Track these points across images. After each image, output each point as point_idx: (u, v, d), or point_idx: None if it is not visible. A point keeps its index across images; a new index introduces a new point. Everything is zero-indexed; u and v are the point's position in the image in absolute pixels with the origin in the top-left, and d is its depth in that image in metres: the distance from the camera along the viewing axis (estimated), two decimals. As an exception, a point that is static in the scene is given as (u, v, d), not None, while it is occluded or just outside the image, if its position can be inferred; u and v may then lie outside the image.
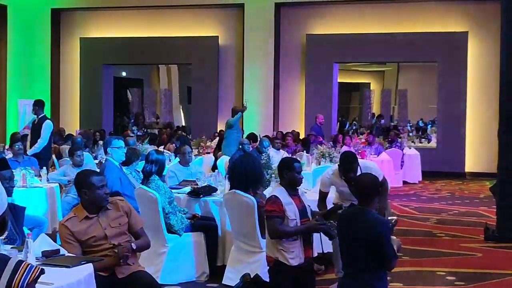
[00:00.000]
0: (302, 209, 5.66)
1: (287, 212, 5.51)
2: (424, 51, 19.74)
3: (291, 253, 5.52)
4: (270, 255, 5.61)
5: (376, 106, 27.46)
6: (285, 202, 5.54)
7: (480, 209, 12.92)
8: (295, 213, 5.56)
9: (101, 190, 5.10)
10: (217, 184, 8.26)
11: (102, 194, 5.10)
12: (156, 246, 7.21)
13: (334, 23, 20.47)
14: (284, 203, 5.53)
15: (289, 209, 5.54)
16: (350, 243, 4.86)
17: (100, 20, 22.49)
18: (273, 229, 5.51)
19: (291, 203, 5.57)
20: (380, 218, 4.88)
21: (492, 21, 17.83)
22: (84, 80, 22.39)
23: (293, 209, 5.56)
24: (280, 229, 5.49)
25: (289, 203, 5.56)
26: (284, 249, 5.51)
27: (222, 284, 7.08)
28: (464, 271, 8.10)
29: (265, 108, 20.68)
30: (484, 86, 18.63)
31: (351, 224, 4.85)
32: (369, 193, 4.93)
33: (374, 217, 4.85)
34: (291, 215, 5.53)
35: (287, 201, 5.55)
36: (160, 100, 26.59)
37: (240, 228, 7.02)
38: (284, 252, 5.51)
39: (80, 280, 4.12)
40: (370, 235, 4.74)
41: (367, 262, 4.80)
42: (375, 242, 4.74)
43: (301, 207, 5.66)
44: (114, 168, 8.08)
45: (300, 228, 5.53)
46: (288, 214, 5.52)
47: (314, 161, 12.59)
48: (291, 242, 5.51)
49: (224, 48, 21.35)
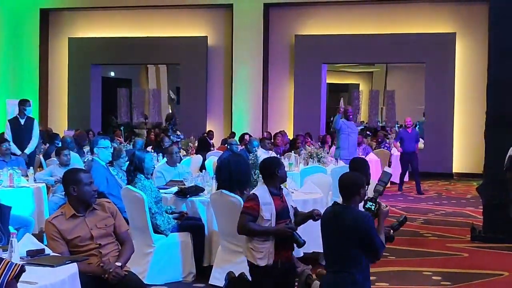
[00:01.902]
0: (282, 210, 5.63)
1: (262, 212, 5.51)
2: (412, 52, 19.83)
3: (259, 253, 5.51)
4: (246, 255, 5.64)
5: (364, 107, 27.47)
6: (263, 201, 5.53)
7: (466, 210, 12.98)
8: (272, 214, 5.54)
9: (89, 187, 5.12)
10: (205, 184, 8.25)
11: (90, 191, 5.12)
12: (142, 246, 7.20)
13: (323, 24, 20.51)
14: (262, 202, 5.53)
15: (266, 209, 5.52)
16: (335, 240, 4.88)
17: (89, 20, 22.46)
18: (241, 225, 5.55)
19: (269, 204, 5.55)
20: (363, 213, 4.91)
21: (479, 22, 17.93)
22: (73, 80, 22.37)
23: (270, 209, 5.54)
24: (248, 226, 5.51)
25: (267, 203, 5.54)
26: (254, 248, 5.52)
27: (209, 284, 7.08)
28: (450, 271, 8.12)
29: (254, 108, 20.70)
30: (472, 87, 18.71)
31: (336, 221, 4.88)
32: (352, 190, 4.97)
33: (358, 213, 4.90)
34: (267, 215, 5.52)
35: (266, 201, 5.54)
36: (148, 100, 26.52)
37: (227, 228, 7.01)
38: (253, 251, 5.52)
39: (64, 279, 4.11)
40: (357, 231, 4.79)
41: (353, 258, 4.83)
42: (363, 237, 4.79)
43: (282, 207, 5.64)
44: (101, 168, 8.07)
45: (269, 229, 5.51)
46: (264, 214, 5.51)
47: (302, 161, 12.59)
48: (261, 242, 5.50)
49: (213, 48, 21.36)
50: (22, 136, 12.21)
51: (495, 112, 10.07)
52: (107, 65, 25.15)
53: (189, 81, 21.67)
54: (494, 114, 10.08)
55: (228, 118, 21.13)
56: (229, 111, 21.10)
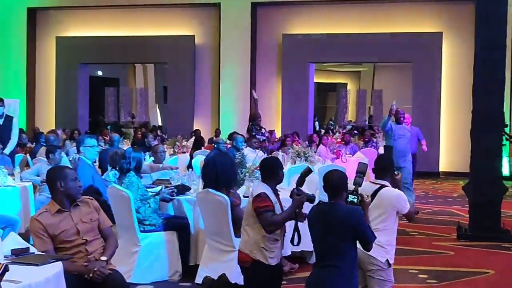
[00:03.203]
0: (282, 209, 5.68)
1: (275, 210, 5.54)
2: (399, 52, 19.88)
3: (271, 253, 5.51)
4: (247, 254, 5.59)
5: (352, 106, 27.55)
6: (273, 200, 5.56)
7: (453, 208, 13.03)
8: (279, 212, 5.59)
9: (75, 182, 5.22)
10: (191, 183, 8.25)
11: (76, 186, 5.23)
12: (128, 245, 7.21)
13: (311, 23, 20.54)
14: (272, 201, 5.55)
15: (276, 207, 5.56)
16: (327, 238, 4.89)
17: (76, 19, 22.40)
18: (268, 223, 5.43)
19: (276, 202, 5.59)
20: (353, 207, 4.93)
21: (466, 21, 17.99)
22: (60, 79, 22.32)
23: (278, 208, 5.59)
24: (275, 220, 5.45)
25: (275, 201, 5.58)
26: (266, 248, 5.49)
27: (195, 283, 7.07)
28: (436, 269, 8.16)
29: (242, 108, 20.69)
30: (458, 86, 18.77)
31: (327, 219, 4.89)
32: (338, 187, 4.99)
33: (348, 208, 4.92)
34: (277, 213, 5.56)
35: (274, 200, 5.58)
36: (136, 99, 26.50)
37: (213, 227, 7.01)
38: (265, 251, 5.49)
39: (48, 278, 4.10)
40: (350, 225, 4.80)
41: (345, 252, 4.85)
42: (356, 230, 4.81)
43: (281, 207, 5.68)
44: (87, 166, 8.05)
45: (289, 209, 5.50)
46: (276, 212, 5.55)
47: (290, 160, 12.61)
48: (273, 242, 5.51)
49: (200, 47, 21.35)
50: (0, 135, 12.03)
51: (481, 111, 10.12)
52: (95, 64, 25.14)
53: (177, 80, 21.66)
54: (480, 113, 10.13)
55: (215, 117, 21.14)
56: (216, 110, 21.11)
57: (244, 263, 5.63)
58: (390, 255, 5.52)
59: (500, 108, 10.30)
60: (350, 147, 16.52)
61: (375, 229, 5.09)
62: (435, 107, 19.46)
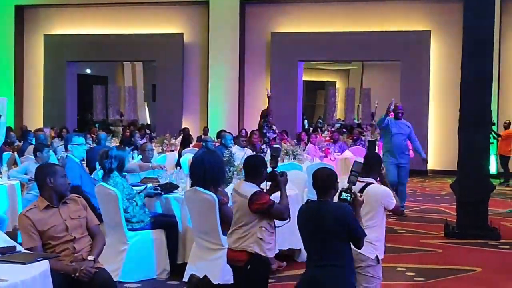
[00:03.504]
0: None
1: None
2: (387, 50, 19.91)
3: (269, 244, 5.59)
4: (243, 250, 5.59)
5: (340, 105, 27.59)
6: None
7: (441, 206, 13.08)
8: None
9: (64, 179, 5.29)
10: (179, 181, 8.24)
11: (65, 183, 5.29)
12: (116, 243, 7.20)
13: (299, 21, 20.55)
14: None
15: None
16: (317, 236, 4.89)
17: (64, 17, 22.34)
18: (282, 211, 5.62)
19: None
20: (342, 204, 4.93)
21: (454, 20, 18.03)
22: (48, 77, 22.25)
23: None
24: (284, 206, 5.65)
25: None
26: (263, 239, 5.55)
27: (183, 282, 7.05)
28: (424, 267, 8.20)
29: (230, 106, 20.71)
30: (446, 85, 18.80)
31: (316, 217, 4.88)
32: (327, 185, 4.99)
33: (337, 206, 4.92)
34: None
35: None
36: (124, 97, 26.44)
37: (201, 225, 7.01)
38: (262, 243, 5.55)
39: (35, 276, 4.08)
40: (339, 223, 4.80)
41: (338, 251, 4.84)
42: (345, 227, 4.81)
43: None
44: (75, 164, 8.03)
45: (283, 193, 5.72)
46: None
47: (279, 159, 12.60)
48: (270, 234, 5.60)
49: (189, 46, 21.33)
50: None
51: (468, 110, 10.16)
52: (83, 62, 25.08)
53: (165, 78, 21.63)
54: (468, 112, 10.17)
55: (204, 115, 21.12)
56: (205, 108, 21.09)
57: (237, 261, 5.63)
58: (379, 251, 5.54)
59: (488, 106, 10.35)
60: (339, 145, 16.55)
61: (364, 227, 5.10)
62: (424, 106, 19.50)
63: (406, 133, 12.05)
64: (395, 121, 12.05)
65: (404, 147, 12.00)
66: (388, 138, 12.04)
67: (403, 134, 11.98)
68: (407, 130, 12.10)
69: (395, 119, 12.08)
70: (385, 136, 12.35)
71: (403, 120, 12.20)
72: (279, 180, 5.71)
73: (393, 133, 11.89)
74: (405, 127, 12.11)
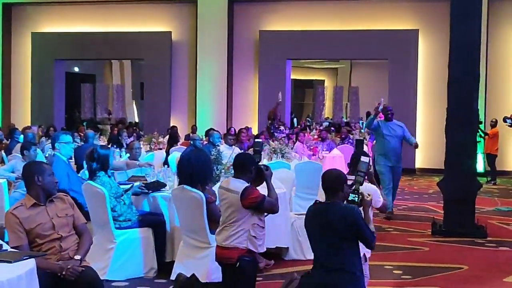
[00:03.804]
0: None
1: None
2: (375, 49, 19.95)
3: (260, 240, 5.68)
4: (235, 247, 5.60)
5: (329, 103, 27.63)
6: None
7: (428, 204, 13.12)
8: None
9: (52, 178, 5.29)
10: (167, 179, 8.23)
11: (52, 181, 5.29)
12: (104, 242, 7.19)
13: (287, 19, 20.56)
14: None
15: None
16: (325, 238, 4.89)
17: (52, 14, 22.26)
18: (273, 204, 5.79)
19: None
20: (350, 206, 4.94)
21: (442, 19, 18.08)
22: (36, 75, 22.17)
23: None
24: (275, 200, 5.80)
25: None
26: (256, 235, 5.64)
27: (171, 280, 7.03)
28: (411, 265, 8.22)
29: (218, 104, 20.70)
30: (434, 84, 18.88)
31: (323, 219, 4.89)
32: (336, 187, 5.03)
33: (345, 208, 4.95)
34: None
35: None
36: (112, 95, 26.38)
37: (189, 223, 7.00)
38: (255, 240, 5.63)
39: (21, 275, 4.07)
40: (347, 225, 4.83)
41: (346, 252, 4.87)
42: (353, 230, 4.84)
43: None
44: (62, 163, 8.00)
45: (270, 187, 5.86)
46: None
47: (266, 157, 12.61)
48: (261, 229, 5.70)
49: (177, 44, 21.31)
50: None
51: (455, 109, 10.20)
52: (71, 60, 24.99)
53: (153, 77, 21.59)
54: (455, 111, 10.21)
55: (192, 113, 21.10)
56: (193, 106, 21.07)
57: (227, 259, 5.64)
58: (366, 249, 5.56)
59: (475, 106, 10.38)
60: (327, 144, 16.53)
61: None
62: (411, 104, 19.56)
63: (398, 134, 11.65)
64: (386, 123, 11.70)
65: (397, 149, 11.63)
66: (380, 141, 11.76)
67: (395, 136, 11.61)
68: (399, 131, 11.71)
69: (386, 121, 11.74)
70: (377, 138, 12.06)
71: (395, 121, 11.86)
72: (265, 174, 5.76)
73: (384, 135, 11.58)
74: (397, 128, 11.73)
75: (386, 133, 11.58)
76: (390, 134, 11.58)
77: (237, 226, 5.61)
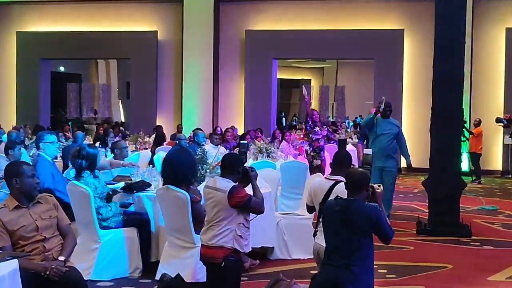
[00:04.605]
0: None
1: None
2: (361, 48, 19.99)
3: (246, 240, 5.69)
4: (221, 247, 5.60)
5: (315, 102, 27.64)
6: None
7: (414, 203, 13.16)
8: None
9: (32, 179, 5.17)
10: (152, 179, 8.21)
11: (33, 183, 5.18)
12: (88, 242, 7.17)
13: (274, 19, 20.57)
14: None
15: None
16: (342, 231, 4.92)
17: (38, 13, 22.16)
18: (260, 204, 5.78)
19: None
20: (371, 205, 5.00)
21: (427, 19, 18.10)
22: (21, 75, 22.07)
23: None
24: (260, 200, 5.80)
25: None
26: (242, 235, 5.65)
27: (155, 280, 7.02)
28: (395, 264, 8.23)
29: (204, 104, 20.69)
30: (419, 83, 18.91)
31: (344, 214, 4.93)
32: (360, 185, 5.09)
33: (366, 206, 5.00)
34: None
35: None
36: (98, 95, 26.30)
37: (174, 223, 6.99)
38: (241, 239, 5.63)
39: (3, 276, 4.05)
40: (368, 223, 4.90)
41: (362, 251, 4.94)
42: (374, 227, 4.93)
43: None
44: (46, 163, 7.97)
45: (256, 188, 5.85)
46: None
47: (252, 156, 12.61)
48: (247, 229, 5.71)
49: (163, 43, 21.27)
50: None
51: (440, 108, 10.25)
52: (57, 59, 24.90)
53: (139, 76, 21.54)
54: (439, 110, 10.26)
55: (178, 113, 21.07)
56: (179, 106, 21.05)
57: (213, 259, 5.64)
58: None
59: (459, 105, 10.43)
60: (313, 143, 16.52)
61: None
62: (397, 104, 19.53)
63: (393, 132, 10.87)
64: (382, 120, 10.86)
65: (390, 148, 10.84)
66: (373, 139, 10.98)
67: (389, 134, 10.81)
68: (394, 129, 10.93)
69: (383, 118, 10.85)
70: (370, 137, 11.17)
71: (391, 119, 11.09)
72: (251, 175, 5.77)
73: (378, 133, 10.80)
74: (392, 126, 10.94)
75: (380, 132, 10.82)
76: (383, 133, 10.82)
77: (223, 225, 5.61)
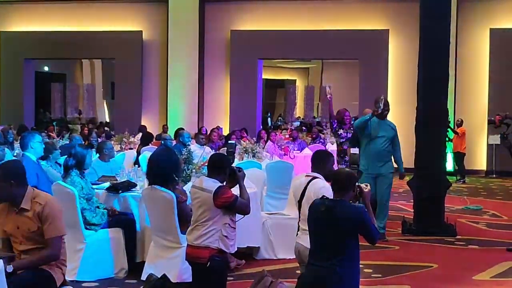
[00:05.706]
0: None
1: None
2: (346, 49, 20.03)
3: (232, 240, 5.70)
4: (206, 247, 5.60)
5: (300, 103, 27.69)
6: None
7: (399, 203, 13.19)
8: None
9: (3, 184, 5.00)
10: (137, 179, 8.19)
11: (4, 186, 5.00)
12: (73, 242, 7.12)
13: (259, 19, 20.59)
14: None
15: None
16: (328, 234, 4.91)
17: (22, 13, 22.06)
18: (246, 205, 5.80)
19: None
20: (356, 206, 5.01)
21: (412, 19, 18.14)
22: (5, 75, 21.98)
23: None
24: (247, 200, 5.82)
25: None
26: (228, 236, 5.65)
27: (141, 280, 6.99)
28: (381, 263, 8.26)
29: (190, 104, 20.67)
30: (404, 84, 18.95)
31: (329, 214, 4.92)
32: (347, 185, 5.08)
33: (351, 206, 5.01)
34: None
35: None
36: (83, 95, 26.22)
37: (159, 223, 6.98)
38: (226, 240, 5.64)
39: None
40: (353, 223, 4.89)
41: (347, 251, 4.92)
42: (359, 228, 4.92)
43: None
44: (31, 163, 7.94)
45: (243, 188, 5.87)
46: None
47: (237, 156, 12.60)
48: (233, 230, 5.71)
49: (148, 43, 21.23)
50: None
51: (425, 108, 10.30)
52: (41, 59, 24.79)
53: (124, 76, 21.49)
54: (424, 110, 10.30)
55: (163, 113, 21.04)
56: (164, 106, 21.02)
57: (198, 259, 5.63)
58: None
59: (444, 105, 10.48)
60: (298, 143, 16.58)
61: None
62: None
63: (388, 136, 9.78)
64: (377, 121, 9.74)
65: (384, 153, 9.72)
66: (365, 143, 9.75)
67: (383, 137, 9.72)
68: (390, 132, 9.85)
69: (379, 119, 9.74)
70: (362, 140, 9.83)
71: (387, 121, 10.03)
72: (238, 175, 5.78)
73: (372, 136, 9.68)
74: (388, 128, 9.86)
75: (374, 135, 9.70)
76: (377, 136, 9.71)
77: (209, 226, 5.61)
